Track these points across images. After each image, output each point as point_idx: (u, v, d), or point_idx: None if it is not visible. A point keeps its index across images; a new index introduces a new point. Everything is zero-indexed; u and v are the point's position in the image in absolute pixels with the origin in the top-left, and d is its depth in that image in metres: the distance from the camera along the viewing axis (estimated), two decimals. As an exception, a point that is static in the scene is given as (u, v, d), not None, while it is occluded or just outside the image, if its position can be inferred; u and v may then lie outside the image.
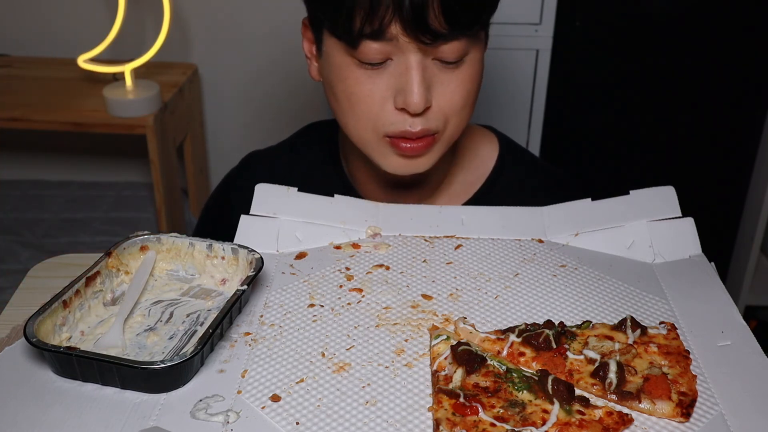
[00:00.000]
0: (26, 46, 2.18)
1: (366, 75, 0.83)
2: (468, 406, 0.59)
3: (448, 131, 0.88)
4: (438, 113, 0.85)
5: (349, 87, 0.85)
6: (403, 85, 0.82)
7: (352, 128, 0.88)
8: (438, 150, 0.89)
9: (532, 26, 1.82)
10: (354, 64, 0.83)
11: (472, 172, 1.04)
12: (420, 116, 0.84)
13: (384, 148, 0.88)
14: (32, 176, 2.33)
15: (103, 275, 0.74)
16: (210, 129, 2.31)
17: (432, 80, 0.83)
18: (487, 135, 1.07)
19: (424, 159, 0.89)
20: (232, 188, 1.09)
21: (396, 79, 0.82)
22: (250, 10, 2.13)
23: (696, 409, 0.61)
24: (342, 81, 0.85)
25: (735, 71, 1.99)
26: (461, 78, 0.85)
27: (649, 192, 0.86)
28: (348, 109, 0.87)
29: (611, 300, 0.76)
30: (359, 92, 0.84)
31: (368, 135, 0.87)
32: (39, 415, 0.60)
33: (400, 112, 0.84)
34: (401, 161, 0.88)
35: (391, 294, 0.76)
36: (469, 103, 0.88)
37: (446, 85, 0.84)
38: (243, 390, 0.62)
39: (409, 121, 0.84)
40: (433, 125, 0.85)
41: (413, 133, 0.84)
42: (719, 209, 2.18)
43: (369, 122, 0.86)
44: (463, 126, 0.90)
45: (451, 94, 0.85)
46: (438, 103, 0.84)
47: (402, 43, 0.80)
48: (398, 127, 0.85)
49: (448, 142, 0.90)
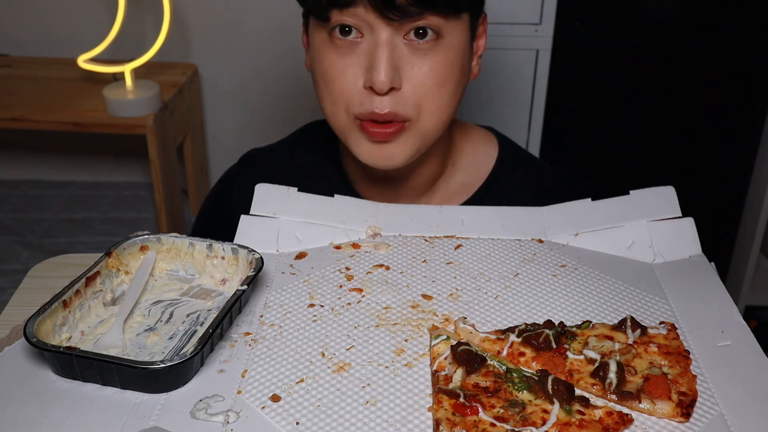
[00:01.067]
0: (26, 46, 2.18)
1: (338, 54, 0.84)
2: (468, 406, 0.59)
3: (423, 121, 0.86)
4: (408, 97, 0.84)
5: (324, 66, 0.85)
6: (371, 63, 0.82)
7: (330, 112, 0.89)
8: (411, 141, 0.87)
9: (532, 26, 1.82)
10: (328, 43, 0.84)
11: (471, 173, 1.03)
12: (387, 97, 0.83)
13: (356, 134, 0.88)
14: (32, 176, 2.33)
15: (103, 275, 0.74)
16: (210, 129, 2.31)
17: (401, 60, 0.82)
18: (487, 136, 1.07)
19: (395, 149, 0.87)
20: (231, 186, 1.09)
21: (365, 57, 0.83)
22: (250, 10, 2.13)
23: (696, 409, 0.61)
24: (320, 62, 0.86)
25: (735, 71, 1.99)
26: (434, 61, 0.84)
27: (649, 192, 0.86)
28: (324, 89, 0.87)
29: (611, 300, 0.76)
30: (333, 71, 0.85)
31: (342, 118, 0.87)
32: (39, 415, 0.60)
33: (368, 92, 0.83)
34: (372, 148, 0.88)
35: (391, 294, 0.76)
36: (446, 92, 0.86)
37: (418, 68, 0.83)
38: (243, 390, 0.62)
39: (377, 101, 0.83)
40: (402, 110, 0.84)
41: (380, 115, 0.84)
42: (719, 209, 2.18)
43: (341, 103, 0.86)
44: (442, 117, 0.88)
45: (423, 77, 0.83)
46: (409, 85, 0.83)
47: (371, 19, 0.80)
48: (366, 108, 0.84)
49: (423, 133, 0.88)
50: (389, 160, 0.89)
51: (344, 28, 0.83)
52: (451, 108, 0.88)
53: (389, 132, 0.86)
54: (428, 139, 0.89)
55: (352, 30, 0.83)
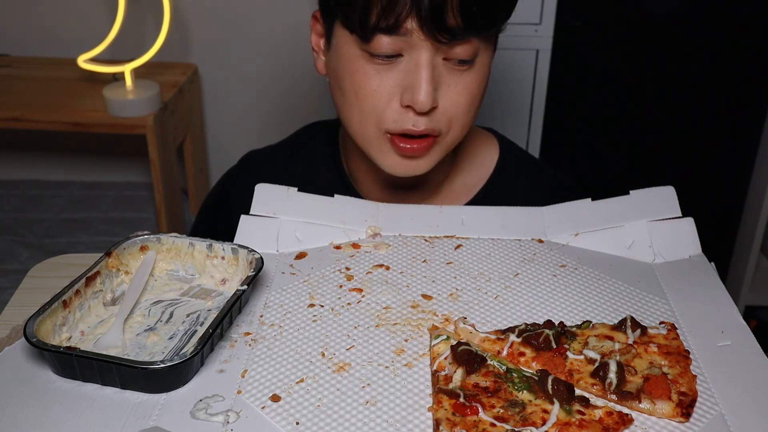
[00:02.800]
0: (26, 46, 2.18)
1: (375, 70, 0.83)
2: (468, 406, 0.59)
3: (451, 135, 0.88)
4: (443, 115, 0.85)
5: (357, 80, 0.84)
6: (412, 83, 0.82)
7: (356, 123, 0.88)
8: (438, 152, 0.89)
9: (532, 26, 1.82)
10: (364, 58, 0.83)
11: (472, 174, 1.03)
12: (425, 116, 0.84)
13: (384, 146, 0.87)
14: (32, 176, 2.33)
15: (103, 275, 0.74)
16: (210, 129, 2.31)
17: (440, 80, 0.83)
18: (488, 137, 1.07)
19: (423, 161, 0.88)
20: (231, 187, 1.09)
21: (405, 75, 0.82)
22: (251, 10, 2.13)
23: (696, 409, 0.61)
24: (350, 74, 0.85)
25: (735, 71, 1.99)
26: (469, 81, 0.85)
27: (649, 192, 0.86)
28: (354, 103, 0.86)
29: (611, 300, 0.76)
30: (367, 86, 0.84)
31: (370, 131, 0.87)
32: (39, 415, 0.60)
33: (405, 110, 0.84)
34: (400, 161, 0.88)
35: (391, 294, 0.76)
36: (474, 108, 0.88)
37: (453, 87, 0.84)
38: (243, 390, 0.62)
39: (413, 120, 0.84)
40: (436, 126, 0.85)
41: (416, 131, 0.84)
42: (719, 209, 2.18)
43: (373, 118, 0.85)
44: (465, 131, 0.90)
45: (458, 96, 0.85)
46: (443, 104, 0.84)
47: (415, 40, 0.80)
48: (401, 125, 0.84)
49: (449, 145, 0.89)
50: (414, 169, 0.89)
51: None
52: (474, 119, 0.90)
53: (421, 148, 0.86)
54: (450, 149, 0.91)
55: None
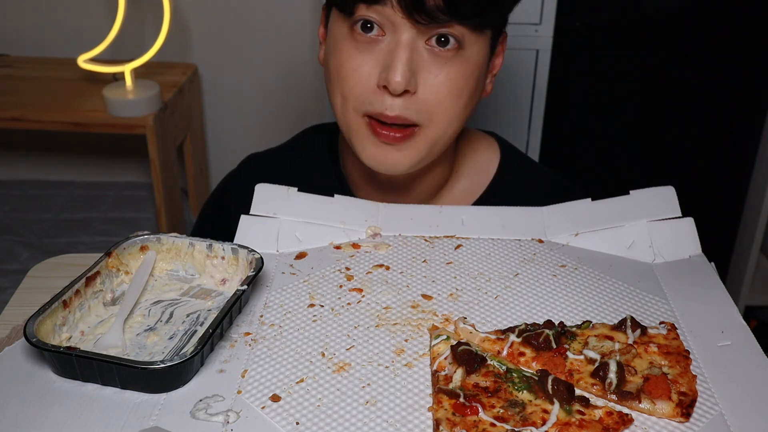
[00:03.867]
0: (26, 46, 2.18)
1: (357, 49, 0.83)
2: (468, 406, 0.59)
3: (433, 128, 0.86)
4: (421, 103, 0.84)
5: (340, 60, 0.85)
6: (389, 62, 0.81)
7: (339, 108, 0.88)
8: (417, 148, 0.87)
9: (532, 26, 1.82)
10: (348, 37, 0.84)
11: (472, 179, 1.03)
12: (399, 99, 0.83)
13: (362, 131, 0.87)
14: (32, 176, 2.33)
15: (103, 275, 0.74)
16: (210, 129, 2.31)
17: (420, 65, 0.82)
18: (488, 141, 1.06)
19: (401, 155, 0.87)
20: (231, 190, 1.09)
21: (384, 55, 0.82)
22: (251, 10, 2.13)
23: (696, 409, 0.61)
24: (336, 55, 0.86)
25: (735, 71, 1.99)
26: (452, 71, 0.83)
27: (649, 192, 0.86)
28: (336, 84, 0.87)
29: (611, 300, 0.76)
30: (348, 66, 0.84)
31: (350, 115, 0.87)
32: (39, 415, 0.60)
33: (381, 91, 0.83)
34: (377, 152, 0.87)
35: (391, 294, 0.76)
36: (460, 102, 0.86)
37: (435, 75, 0.83)
38: (243, 390, 0.62)
39: (388, 102, 0.83)
40: (412, 115, 0.84)
41: (388, 117, 0.84)
42: (719, 209, 2.18)
43: (351, 99, 0.85)
44: (451, 128, 0.88)
45: (439, 85, 0.83)
46: (423, 91, 0.83)
47: (397, 20, 0.80)
48: (375, 107, 0.84)
49: (432, 140, 0.88)
50: (393, 165, 0.88)
51: (366, 24, 0.83)
52: (461, 120, 0.88)
53: (397, 137, 0.85)
54: (435, 148, 0.89)
55: (374, 27, 0.83)
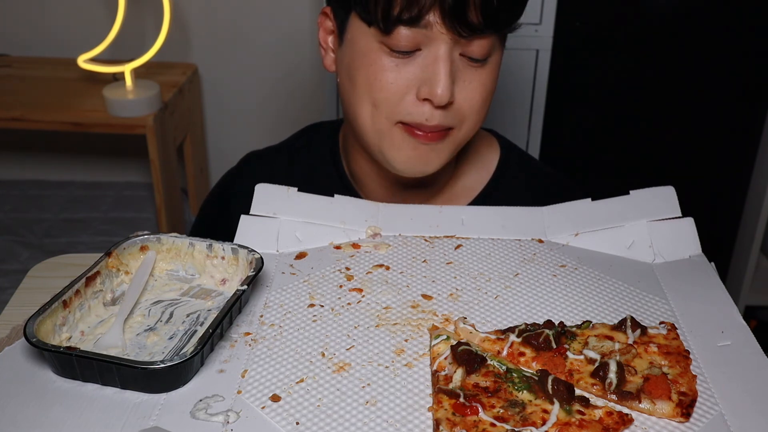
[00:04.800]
0: (26, 46, 2.18)
1: (393, 63, 0.83)
2: (468, 406, 0.59)
3: (463, 131, 0.88)
4: (457, 110, 0.85)
5: (373, 73, 0.84)
6: (431, 76, 0.82)
7: (367, 116, 0.87)
8: (448, 148, 0.89)
9: (532, 26, 1.82)
10: (382, 51, 0.83)
11: (473, 176, 1.03)
12: (441, 110, 0.84)
13: (396, 137, 0.87)
14: (32, 176, 2.33)
15: (103, 275, 0.74)
16: (210, 129, 2.31)
17: (456, 75, 0.84)
18: (489, 139, 1.06)
19: (434, 154, 0.88)
20: (231, 188, 1.09)
21: (423, 69, 0.83)
22: (251, 10, 2.13)
23: (696, 409, 0.61)
24: (366, 67, 0.85)
25: (735, 71, 1.99)
26: (484, 77, 0.86)
27: (649, 192, 0.86)
28: (366, 95, 0.86)
29: (611, 300, 0.76)
30: (383, 79, 0.84)
31: (381, 123, 0.87)
32: (39, 415, 0.60)
33: (420, 103, 0.84)
34: (414, 153, 0.88)
35: (391, 294, 0.76)
36: (487, 105, 0.88)
37: (469, 83, 0.85)
38: (243, 390, 0.62)
39: (428, 113, 0.84)
40: (449, 122, 0.85)
41: (429, 126, 0.85)
42: (719, 209, 2.18)
43: (385, 110, 0.85)
44: (476, 128, 0.90)
45: (473, 92, 0.85)
46: (458, 99, 0.85)
47: (435, 33, 0.80)
48: (414, 118, 0.85)
49: (460, 142, 0.90)
50: (426, 166, 0.89)
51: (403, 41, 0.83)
52: (485, 118, 0.91)
53: (436, 136, 0.86)
54: (460, 148, 0.91)
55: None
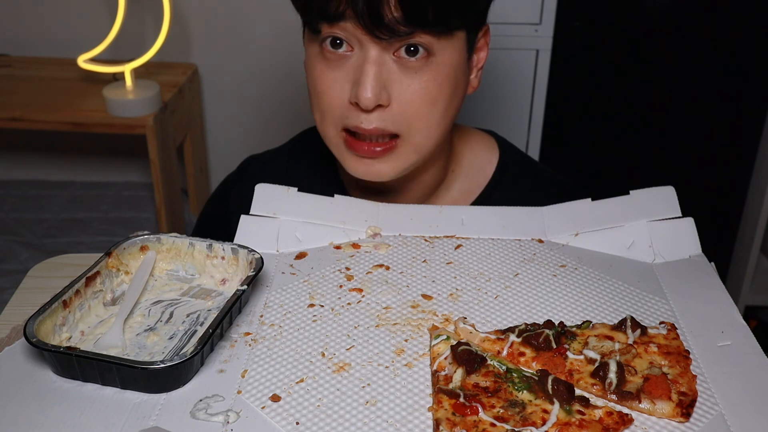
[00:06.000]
0: (26, 46, 2.18)
1: (328, 67, 0.83)
2: (468, 406, 0.59)
3: (414, 137, 0.86)
4: (397, 115, 0.83)
5: (314, 78, 0.85)
6: (358, 79, 0.81)
7: (319, 124, 0.89)
8: (403, 157, 0.87)
9: (532, 26, 1.82)
10: (319, 55, 0.84)
11: (470, 180, 1.02)
12: (374, 113, 0.82)
13: (342, 146, 0.87)
14: (32, 176, 2.33)
15: (103, 275, 0.74)
16: (210, 129, 2.31)
17: (390, 78, 0.82)
18: (487, 141, 1.05)
19: (384, 166, 0.87)
20: (230, 193, 1.09)
21: (353, 72, 0.82)
22: (251, 10, 2.13)
23: (696, 409, 0.61)
24: (309, 73, 0.86)
25: (734, 71, 1.99)
26: (424, 80, 0.82)
27: (649, 192, 0.86)
28: (314, 102, 0.87)
29: (611, 300, 0.76)
30: (321, 83, 0.84)
31: (330, 131, 0.87)
32: (39, 415, 0.60)
33: (355, 107, 0.83)
34: (359, 164, 0.87)
35: (391, 294, 0.76)
36: (436, 110, 0.85)
37: (407, 86, 0.82)
38: (243, 390, 0.62)
39: (363, 117, 0.83)
40: (389, 126, 0.84)
41: (366, 130, 0.83)
42: (719, 209, 2.18)
43: (329, 116, 0.86)
44: (435, 133, 0.87)
45: (412, 95, 0.82)
46: (397, 103, 0.83)
47: (360, 36, 0.80)
48: (352, 121, 0.84)
49: (417, 148, 0.87)
50: (378, 176, 0.88)
51: (335, 41, 0.82)
52: (443, 125, 0.87)
53: (379, 152, 0.85)
54: (422, 153, 0.89)
55: (342, 43, 0.82)
